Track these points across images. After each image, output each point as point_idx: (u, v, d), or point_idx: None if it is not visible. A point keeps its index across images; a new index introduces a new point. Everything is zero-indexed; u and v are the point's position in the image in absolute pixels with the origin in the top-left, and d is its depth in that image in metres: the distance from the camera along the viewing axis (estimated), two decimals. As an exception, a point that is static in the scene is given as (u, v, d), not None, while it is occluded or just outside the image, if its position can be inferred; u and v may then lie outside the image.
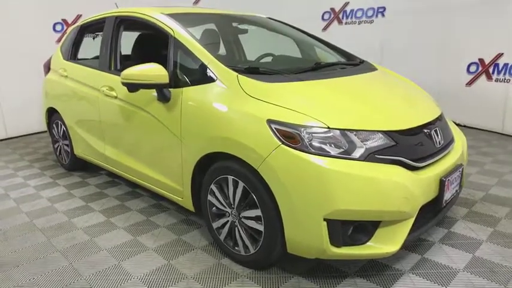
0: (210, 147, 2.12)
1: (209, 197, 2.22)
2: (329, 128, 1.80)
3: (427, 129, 2.05)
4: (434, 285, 1.92)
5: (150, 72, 2.27)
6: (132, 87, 2.37)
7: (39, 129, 5.52)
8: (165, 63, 2.36)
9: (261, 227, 1.95)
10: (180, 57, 2.37)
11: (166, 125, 2.39)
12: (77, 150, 3.58)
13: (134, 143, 2.81)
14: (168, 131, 2.38)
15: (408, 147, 1.91)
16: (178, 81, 2.33)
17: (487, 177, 3.37)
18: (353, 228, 1.81)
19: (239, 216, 2.07)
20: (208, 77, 2.19)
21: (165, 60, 2.39)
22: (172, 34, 2.45)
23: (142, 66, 2.29)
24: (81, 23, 3.62)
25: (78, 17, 5.63)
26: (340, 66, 2.67)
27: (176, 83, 2.33)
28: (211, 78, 2.18)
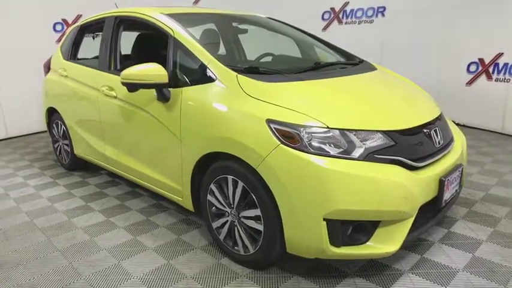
0: (209, 147, 2.12)
1: (209, 197, 2.22)
2: (328, 127, 1.80)
3: (427, 129, 2.05)
4: (434, 285, 1.92)
5: (150, 72, 2.27)
6: (131, 87, 2.37)
7: (40, 129, 5.52)
8: (164, 63, 2.36)
9: (261, 226, 1.95)
10: (180, 57, 2.38)
11: (165, 124, 2.39)
12: (77, 150, 3.58)
13: (134, 142, 2.82)
14: (167, 131, 2.38)
15: (408, 147, 1.91)
16: (178, 81, 2.33)
17: (487, 177, 3.37)
18: (352, 228, 1.81)
19: (239, 216, 2.07)
20: (208, 76, 2.19)
21: (164, 60, 2.39)
22: (172, 34, 2.45)
23: (142, 66, 2.29)
24: (80, 23, 3.62)
25: (78, 17, 5.63)
26: (340, 66, 2.67)
27: (176, 82, 2.33)
28: (211, 78, 2.18)
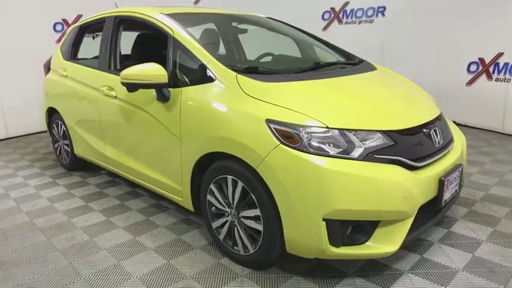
0: (209, 147, 2.12)
1: (208, 197, 2.22)
2: (328, 127, 1.80)
3: (426, 129, 2.05)
4: (433, 285, 1.92)
5: (150, 72, 2.27)
6: (131, 87, 2.37)
7: (40, 129, 5.53)
8: (164, 63, 2.36)
9: (260, 226, 1.95)
10: (180, 57, 2.38)
11: (165, 124, 2.39)
12: (77, 150, 3.58)
13: (134, 142, 2.82)
14: (167, 131, 2.38)
15: (407, 146, 1.91)
16: (178, 81, 2.33)
17: (487, 176, 3.36)
18: (352, 228, 1.81)
19: (238, 216, 2.07)
20: (208, 76, 2.19)
21: (164, 60, 2.39)
22: (172, 34, 2.45)
23: (142, 66, 2.29)
24: (80, 23, 3.63)
25: (78, 17, 5.64)
26: (340, 66, 2.67)
27: (175, 82, 2.33)
28: (211, 78, 2.18)
